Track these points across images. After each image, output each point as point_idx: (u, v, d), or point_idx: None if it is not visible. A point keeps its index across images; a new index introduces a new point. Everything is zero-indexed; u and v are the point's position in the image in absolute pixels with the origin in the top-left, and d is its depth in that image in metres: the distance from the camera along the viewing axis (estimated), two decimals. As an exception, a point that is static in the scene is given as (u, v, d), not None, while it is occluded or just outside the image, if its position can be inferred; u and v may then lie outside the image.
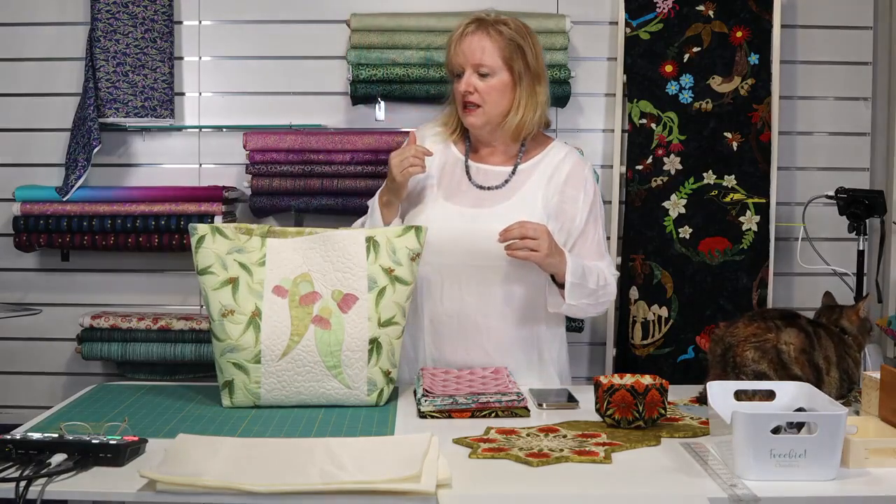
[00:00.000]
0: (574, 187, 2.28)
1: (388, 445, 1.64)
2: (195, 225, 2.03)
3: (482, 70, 2.21)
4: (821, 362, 1.91)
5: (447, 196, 2.26)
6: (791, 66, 3.23)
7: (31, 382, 3.26)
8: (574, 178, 2.28)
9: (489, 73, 2.21)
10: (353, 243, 2.04)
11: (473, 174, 2.29)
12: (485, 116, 2.24)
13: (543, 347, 2.30)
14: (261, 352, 1.96)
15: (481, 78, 2.21)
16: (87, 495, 1.49)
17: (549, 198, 2.25)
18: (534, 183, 2.27)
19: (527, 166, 2.29)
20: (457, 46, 2.23)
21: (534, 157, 2.31)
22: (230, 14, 3.20)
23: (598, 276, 2.21)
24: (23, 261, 3.23)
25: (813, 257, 3.11)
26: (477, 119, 2.24)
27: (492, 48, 2.21)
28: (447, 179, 2.29)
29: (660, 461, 1.63)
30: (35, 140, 3.21)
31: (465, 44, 2.22)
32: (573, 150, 2.37)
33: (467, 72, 2.22)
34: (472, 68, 2.21)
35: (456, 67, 2.24)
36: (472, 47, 2.21)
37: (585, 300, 2.19)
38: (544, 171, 2.29)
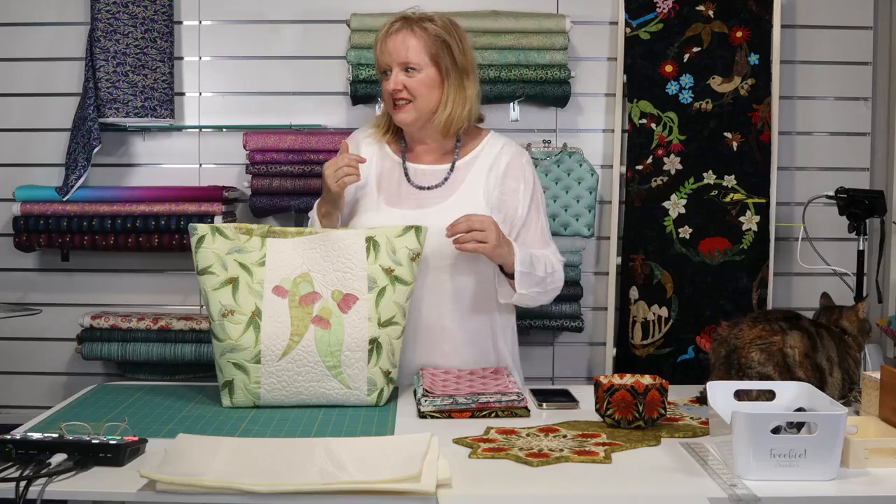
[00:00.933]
0: (514, 178, 2.29)
1: (388, 445, 1.64)
2: (195, 225, 2.03)
3: (409, 66, 2.22)
4: (823, 363, 1.92)
5: (388, 200, 2.26)
6: (791, 66, 3.23)
7: (31, 382, 3.26)
8: (513, 170, 2.29)
9: (416, 69, 2.22)
10: (353, 243, 2.04)
11: (412, 175, 2.29)
12: (415, 112, 2.24)
13: (498, 340, 2.31)
14: (261, 352, 1.96)
15: (408, 74, 2.22)
16: (87, 495, 1.49)
17: (491, 191, 2.26)
18: (473, 177, 2.28)
19: (464, 162, 2.30)
20: (383, 45, 2.24)
21: (471, 152, 2.31)
22: (230, 14, 3.20)
23: (545, 264, 2.22)
24: (23, 261, 3.23)
25: (813, 257, 3.11)
26: (407, 115, 2.24)
27: (417, 45, 2.22)
28: (386, 183, 2.28)
29: (660, 461, 1.63)
30: (35, 140, 3.21)
31: (390, 42, 2.23)
32: (510, 142, 2.37)
33: (395, 70, 2.22)
34: (399, 66, 2.22)
35: (383, 66, 2.25)
36: (397, 45, 2.22)
37: (535, 288, 2.20)
38: (483, 165, 2.29)
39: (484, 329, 2.28)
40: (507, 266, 2.17)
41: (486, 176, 2.28)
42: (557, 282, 2.28)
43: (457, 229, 2.09)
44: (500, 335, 2.31)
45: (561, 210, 3.10)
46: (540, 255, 2.23)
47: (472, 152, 2.31)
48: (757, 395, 1.80)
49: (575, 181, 3.10)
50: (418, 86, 2.22)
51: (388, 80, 2.23)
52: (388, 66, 2.23)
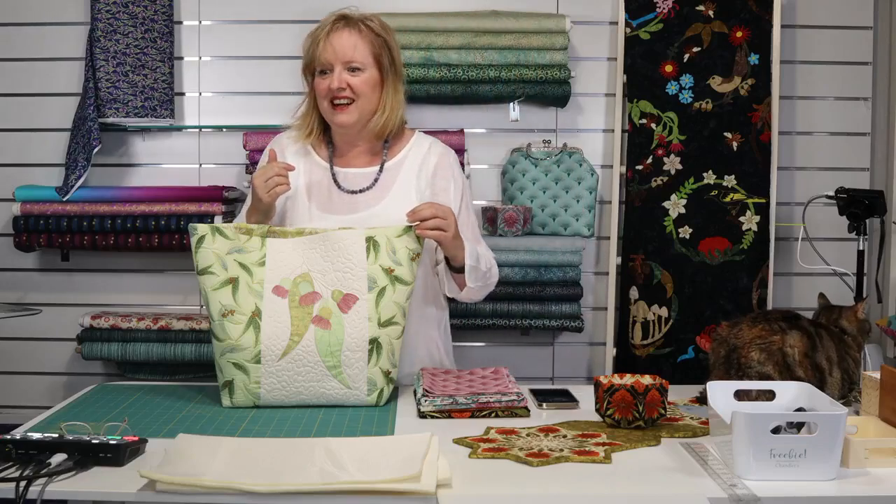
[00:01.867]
0: (444, 178, 2.28)
1: (388, 445, 1.64)
2: (195, 225, 2.03)
3: (353, 65, 2.18)
4: (823, 363, 1.92)
5: (321, 207, 2.23)
6: (791, 66, 3.23)
7: (31, 382, 3.26)
8: (442, 169, 2.29)
9: (361, 68, 2.19)
10: (353, 243, 2.04)
11: (341, 180, 2.26)
12: (357, 113, 2.20)
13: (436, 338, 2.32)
14: (261, 352, 1.96)
15: (352, 74, 2.18)
16: (87, 495, 1.49)
17: (422, 191, 2.26)
18: (403, 178, 2.26)
19: (393, 163, 2.28)
20: (325, 42, 2.18)
21: (398, 154, 2.30)
22: (230, 14, 3.21)
23: (485, 260, 2.23)
24: (23, 261, 3.23)
25: (813, 257, 3.11)
26: (349, 116, 2.20)
27: (362, 44, 2.19)
28: (316, 190, 2.25)
29: (660, 461, 1.63)
30: (35, 140, 3.21)
31: (335, 40, 2.18)
32: (436, 141, 2.35)
33: (338, 68, 2.17)
34: (344, 64, 2.18)
35: (324, 64, 2.19)
36: (342, 43, 2.18)
37: (479, 283, 2.20)
38: (412, 166, 2.28)
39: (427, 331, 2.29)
40: (456, 260, 2.16)
41: (416, 176, 2.27)
42: (494, 277, 2.28)
43: (420, 215, 2.06)
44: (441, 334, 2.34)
45: (561, 210, 3.10)
46: (481, 250, 2.23)
47: (400, 153, 2.29)
48: (757, 395, 1.80)
49: (575, 181, 3.10)
50: (362, 85, 2.18)
51: (328, 79, 2.18)
52: (330, 65, 2.18)
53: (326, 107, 2.21)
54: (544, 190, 3.10)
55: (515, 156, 3.13)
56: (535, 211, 3.10)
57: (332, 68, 2.18)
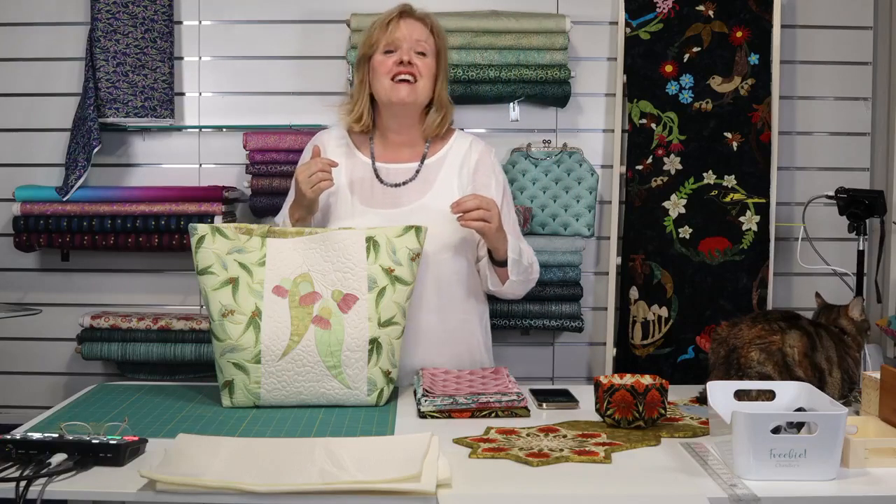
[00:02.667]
0: (485, 175, 2.33)
1: (388, 445, 1.64)
2: (195, 225, 2.03)
3: (420, 48, 2.25)
4: (823, 363, 1.92)
5: (364, 202, 2.26)
6: (791, 66, 3.23)
7: (31, 382, 3.26)
8: (483, 166, 2.34)
9: (425, 53, 2.26)
10: (353, 243, 2.04)
11: (383, 175, 2.30)
12: (415, 94, 2.25)
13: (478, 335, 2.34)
14: (261, 352, 1.96)
15: (418, 56, 2.25)
16: (87, 495, 1.49)
17: (464, 186, 2.30)
18: (445, 174, 2.30)
19: (434, 159, 2.33)
20: (396, 25, 2.25)
21: (440, 150, 2.34)
22: (230, 14, 3.20)
23: (527, 255, 2.28)
24: (23, 261, 3.23)
25: (813, 257, 3.11)
26: (411, 93, 2.24)
27: (428, 35, 2.28)
28: (358, 185, 2.28)
29: (660, 461, 1.63)
30: (35, 140, 3.21)
31: (405, 23, 2.26)
32: (476, 139, 2.40)
33: (405, 46, 2.24)
34: (411, 45, 2.24)
35: (393, 43, 2.24)
36: (412, 27, 2.26)
37: (521, 276, 2.25)
38: (453, 162, 2.32)
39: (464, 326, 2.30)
40: (498, 253, 2.20)
41: (457, 172, 2.31)
42: (535, 273, 2.34)
43: (465, 206, 2.11)
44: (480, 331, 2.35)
45: (561, 210, 3.09)
46: (522, 246, 2.27)
47: (442, 150, 2.34)
48: (757, 395, 1.80)
49: (575, 181, 3.10)
50: (425, 68, 2.25)
51: (393, 56, 2.24)
52: (399, 44, 2.24)
53: (387, 84, 2.25)
54: (544, 190, 3.10)
55: (515, 156, 3.13)
56: (535, 211, 3.10)
57: (400, 46, 2.24)
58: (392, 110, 2.29)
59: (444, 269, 2.25)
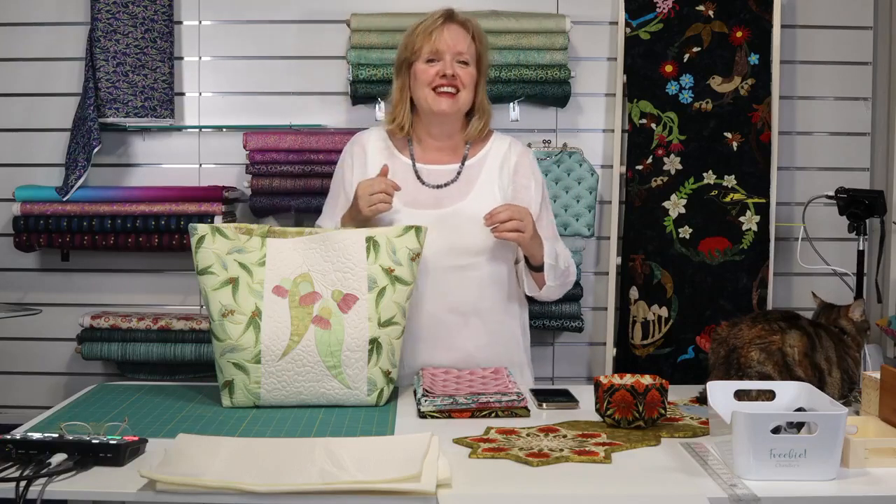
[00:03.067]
0: (524, 176, 2.33)
1: (388, 445, 1.64)
2: (195, 225, 2.03)
3: (462, 58, 2.24)
4: (822, 363, 1.92)
5: (406, 202, 2.25)
6: (791, 66, 3.23)
7: (31, 382, 3.26)
8: (523, 168, 2.34)
9: (467, 63, 2.25)
10: (353, 243, 2.04)
11: (424, 176, 2.30)
12: (457, 105, 2.25)
13: (518, 338, 2.35)
14: (261, 352, 1.96)
15: (460, 65, 2.24)
16: (87, 495, 1.49)
17: (505, 188, 2.30)
18: (486, 175, 2.30)
19: (474, 161, 2.32)
20: (440, 33, 2.23)
21: (479, 152, 2.34)
22: (230, 14, 3.20)
23: (563, 259, 2.28)
24: (23, 261, 3.23)
25: (813, 257, 3.11)
26: (453, 104, 2.24)
27: (470, 42, 2.26)
28: (400, 185, 2.26)
29: (660, 461, 1.63)
30: (35, 140, 3.21)
31: (448, 32, 2.24)
32: (515, 140, 2.40)
33: (447, 57, 2.23)
34: (453, 55, 2.23)
35: (433, 53, 2.23)
36: (455, 35, 2.24)
37: (558, 281, 2.26)
38: (493, 163, 2.32)
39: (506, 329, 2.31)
40: (534, 258, 2.21)
41: (498, 174, 2.31)
42: (572, 276, 2.35)
43: (498, 218, 2.12)
44: (520, 334, 2.36)
45: (561, 210, 3.09)
46: (559, 249, 2.28)
47: (481, 151, 2.34)
48: (757, 395, 1.80)
49: (575, 181, 3.10)
50: (467, 77, 2.25)
51: (436, 66, 2.22)
52: (441, 54, 2.22)
53: (428, 94, 2.25)
54: (544, 190, 3.10)
55: (515, 156, 3.13)
56: (535, 211, 3.10)
57: (443, 57, 2.23)
58: (433, 119, 2.29)
59: (486, 271, 2.25)
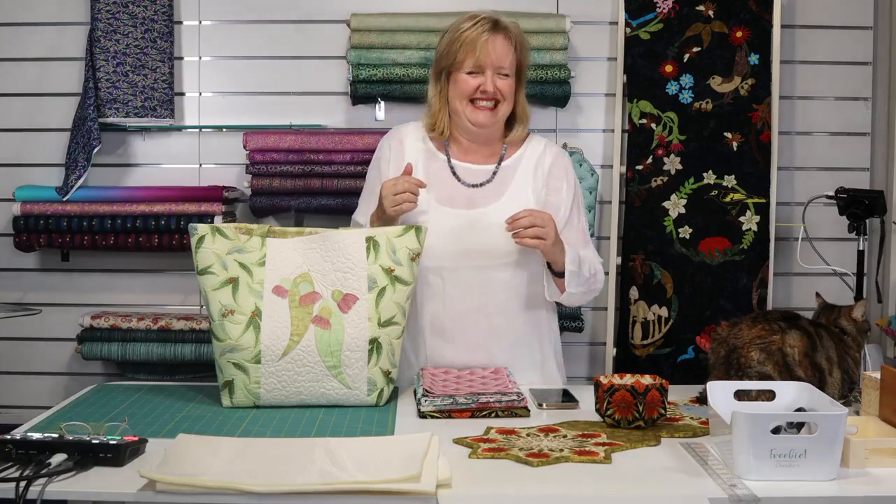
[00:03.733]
0: (557, 178, 2.31)
1: (388, 445, 1.64)
2: (195, 225, 2.03)
3: (503, 71, 2.23)
4: (823, 363, 1.92)
5: (440, 199, 2.25)
6: (791, 66, 3.23)
7: (31, 382, 3.26)
8: (557, 169, 2.32)
9: (508, 74, 2.24)
10: (353, 243, 2.04)
11: (460, 174, 2.29)
12: (495, 118, 2.25)
13: (544, 341, 2.33)
14: (261, 352, 1.96)
15: (501, 78, 2.23)
16: (87, 495, 1.49)
17: (538, 190, 2.29)
18: (521, 177, 2.29)
19: (510, 162, 2.32)
20: (484, 45, 2.20)
21: (515, 153, 2.33)
22: (230, 14, 3.20)
23: (589, 265, 2.25)
24: (23, 261, 3.23)
25: (813, 257, 3.11)
26: (493, 117, 2.24)
27: (512, 52, 2.24)
28: (436, 182, 2.26)
29: (660, 461, 1.63)
30: (35, 140, 3.21)
31: (493, 45, 2.21)
32: (550, 142, 2.39)
33: (489, 72, 2.21)
34: (495, 69, 2.22)
35: (476, 66, 2.21)
36: (498, 48, 2.21)
37: (581, 288, 2.23)
38: (528, 165, 2.31)
39: (531, 333, 2.30)
40: (556, 264, 2.19)
41: (532, 175, 2.30)
42: (599, 283, 2.30)
43: (519, 224, 2.10)
44: (546, 339, 2.33)
45: (561, 210, 3.09)
46: (584, 255, 2.25)
47: (517, 153, 2.33)
48: (757, 395, 1.80)
49: (575, 181, 3.09)
50: (508, 89, 2.23)
51: (478, 79, 2.21)
52: (483, 68, 2.21)
53: (466, 105, 2.24)
54: (544, 190, 3.10)
55: (515, 156, 3.13)
56: (535, 211, 3.10)
57: (485, 71, 2.21)
58: (470, 128, 2.27)
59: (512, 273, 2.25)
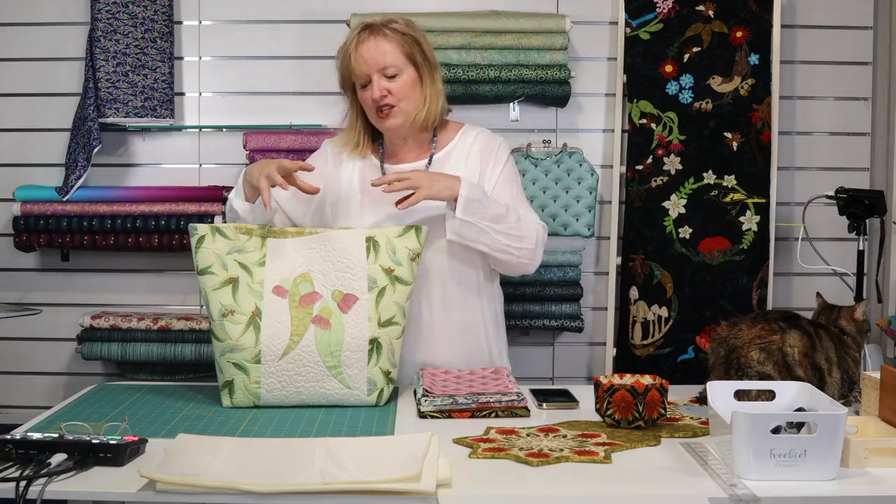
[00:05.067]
0: (484, 161, 2.29)
1: (388, 445, 1.64)
2: (195, 225, 2.03)
3: (389, 71, 2.20)
4: (822, 363, 1.92)
5: (372, 202, 2.24)
6: (791, 66, 3.23)
7: (31, 382, 3.26)
8: (485, 154, 2.30)
9: (397, 72, 2.21)
10: (352, 243, 2.04)
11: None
12: (402, 116, 2.22)
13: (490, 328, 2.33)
14: (261, 352, 1.96)
15: (390, 80, 2.20)
16: (87, 495, 1.49)
17: (472, 175, 2.25)
18: (452, 168, 2.27)
19: (441, 155, 2.31)
20: (356, 56, 2.20)
21: (447, 146, 2.32)
22: (230, 14, 3.21)
23: (510, 210, 2.19)
24: (23, 261, 3.23)
25: (813, 257, 3.11)
26: (396, 120, 2.22)
27: (392, 48, 2.21)
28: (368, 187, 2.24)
29: (660, 461, 1.63)
30: (35, 140, 3.21)
31: (364, 51, 2.19)
32: (483, 130, 2.37)
33: (374, 77, 2.19)
34: (379, 72, 2.19)
35: (360, 77, 2.21)
36: (372, 52, 2.19)
37: (488, 222, 2.14)
38: (459, 156, 2.30)
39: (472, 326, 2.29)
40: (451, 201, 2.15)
41: (464, 164, 2.28)
42: (526, 233, 2.20)
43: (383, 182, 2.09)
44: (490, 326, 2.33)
45: (561, 210, 3.10)
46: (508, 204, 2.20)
47: (449, 145, 2.32)
48: (757, 395, 1.80)
49: (575, 181, 3.10)
50: (402, 88, 2.21)
51: (369, 90, 2.20)
52: (367, 76, 2.20)
53: (374, 116, 2.24)
54: (544, 190, 3.10)
55: (515, 156, 3.12)
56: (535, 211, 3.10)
57: (370, 79, 2.20)
58: (388, 133, 2.29)
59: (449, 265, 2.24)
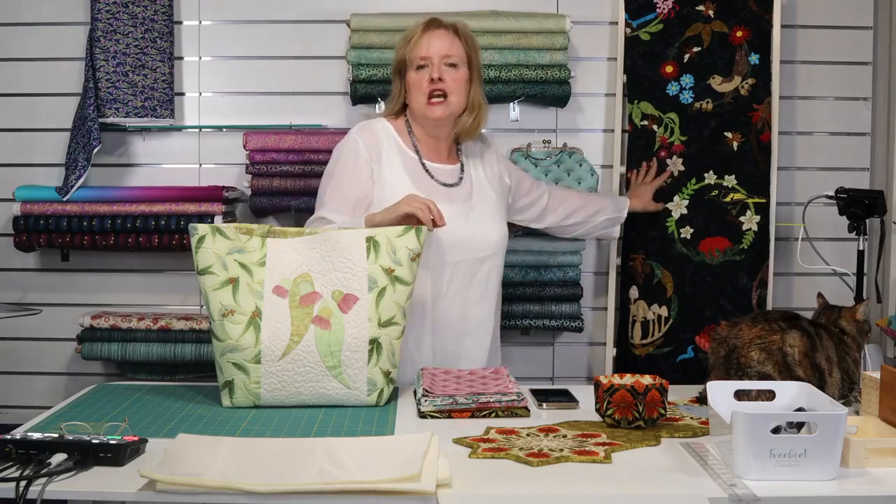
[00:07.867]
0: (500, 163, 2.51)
1: (388, 445, 1.64)
2: (195, 225, 2.04)
3: (450, 60, 2.28)
4: (822, 363, 1.92)
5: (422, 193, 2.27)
6: (791, 66, 3.23)
7: (31, 382, 3.26)
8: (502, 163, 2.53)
9: (457, 63, 2.28)
10: (353, 243, 2.04)
11: (434, 173, 2.35)
12: (449, 108, 2.30)
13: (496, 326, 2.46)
14: (261, 352, 1.96)
15: (449, 69, 2.27)
16: (87, 495, 1.49)
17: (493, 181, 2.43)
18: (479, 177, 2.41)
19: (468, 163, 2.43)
20: (421, 39, 2.28)
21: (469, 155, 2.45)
22: (230, 14, 3.20)
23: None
24: (23, 261, 3.23)
25: (813, 257, 3.10)
26: (444, 110, 2.29)
27: (457, 43, 2.30)
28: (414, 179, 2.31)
29: (660, 461, 1.63)
30: (35, 140, 3.21)
31: (432, 37, 2.28)
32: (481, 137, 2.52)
33: (436, 60, 2.26)
34: (441, 59, 2.27)
35: (422, 58, 2.28)
36: (441, 39, 2.28)
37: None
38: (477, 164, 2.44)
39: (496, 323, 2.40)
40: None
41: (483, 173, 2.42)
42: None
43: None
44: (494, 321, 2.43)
45: (561, 210, 3.09)
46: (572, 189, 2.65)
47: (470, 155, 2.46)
48: (757, 395, 1.80)
49: (575, 181, 3.09)
50: (456, 80, 2.29)
51: (426, 71, 2.27)
52: (428, 59, 2.27)
53: (422, 101, 2.29)
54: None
55: (515, 156, 3.13)
56: (535, 211, 3.10)
57: (431, 62, 2.27)
58: (427, 123, 2.34)
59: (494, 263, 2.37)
